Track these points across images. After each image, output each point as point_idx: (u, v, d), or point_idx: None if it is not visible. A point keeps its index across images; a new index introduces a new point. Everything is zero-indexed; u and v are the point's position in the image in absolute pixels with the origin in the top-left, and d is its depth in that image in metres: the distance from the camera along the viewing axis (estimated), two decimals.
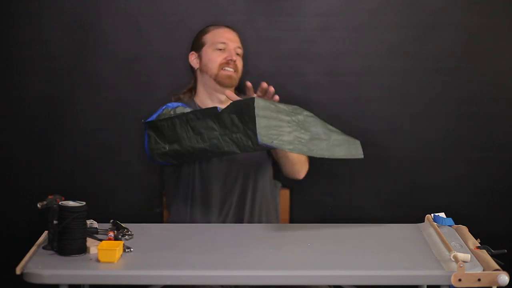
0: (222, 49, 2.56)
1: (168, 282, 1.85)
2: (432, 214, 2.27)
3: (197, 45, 2.62)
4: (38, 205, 1.95)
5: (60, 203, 1.93)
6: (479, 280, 1.81)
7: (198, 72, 2.62)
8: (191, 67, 2.65)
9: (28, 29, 2.82)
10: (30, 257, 1.90)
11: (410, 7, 2.84)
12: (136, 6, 2.82)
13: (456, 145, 2.90)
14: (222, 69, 2.55)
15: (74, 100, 2.85)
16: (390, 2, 2.84)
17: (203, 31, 2.62)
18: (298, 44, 2.85)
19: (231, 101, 2.22)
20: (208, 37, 2.59)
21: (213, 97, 2.58)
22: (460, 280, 1.81)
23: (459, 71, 2.86)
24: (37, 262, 1.88)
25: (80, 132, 2.86)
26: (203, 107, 2.58)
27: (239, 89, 2.61)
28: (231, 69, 2.55)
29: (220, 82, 2.55)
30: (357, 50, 2.86)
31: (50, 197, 1.95)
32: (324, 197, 2.92)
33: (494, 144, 2.89)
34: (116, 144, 2.61)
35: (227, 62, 2.54)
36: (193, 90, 2.65)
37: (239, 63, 2.58)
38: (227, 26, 2.63)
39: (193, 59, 2.62)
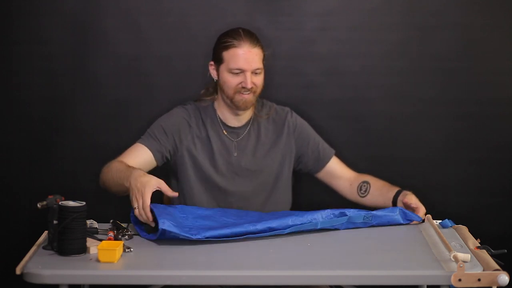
0: (238, 73, 2.40)
1: (168, 282, 1.85)
2: (437, 222, 2.27)
3: (216, 57, 2.45)
4: (38, 205, 1.95)
5: (60, 203, 1.93)
6: (479, 280, 1.81)
7: (218, 84, 2.49)
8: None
9: (28, 29, 2.82)
10: (30, 257, 1.90)
11: (410, 7, 2.84)
12: (136, 6, 2.82)
13: (456, 145, 2.91)
14: (238, 93, 2.41)
15: (74, 100, 2.86)
16: (390, 2, 2.84)
17: (223, 45, 2.42)
18: (298, 44, 2.85)
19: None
20: (226, 56, 2.41)
21: (231, 110, 2.48)
22: (460, 280, 1.81)
23: (459, 71, 2.86)
24: (37, 262, 1.87)
25: (80, 132, 2.86)
26: (220, 114, 2.50)
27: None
28: (247, 93, 2.41)
29: (236, 105, 2.44)
30: (357, 50, 2.86)
31: (50, 197, 1.95)
32: (324, 197, 2.91)
33: (494, 144, 2.90)
34: (116, 144, 2.60)
35: (243, 88, 2.41)
36: (214, 93, 2.52)
37: (259, 81, 2.43)
38: (248, 38, 2.42)
39: (212, 69, 2.48)
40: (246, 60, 2.39)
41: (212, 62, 2.48)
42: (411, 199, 2.37)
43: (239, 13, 2.80)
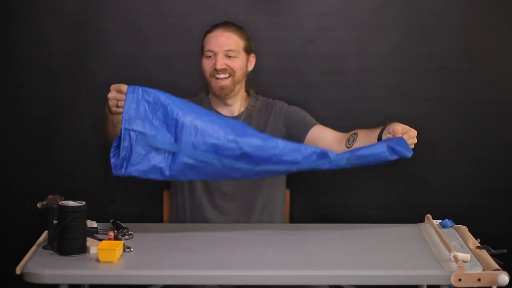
0: (211, 56, 2.48)
1: (168, 282, 1.85)
2: (437, 222, 2.27)
3: (201, 49, 2.55)
4: (38, 205, 1.95)
5: (60, 203, 1.93)
6: (479, 280, 1.81)
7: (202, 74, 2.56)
8: None
9: (28, 29, 2.81)
10: (30, 257, 1.90)
11: (410, 7, 2.84)
12: (136, 6, 2.82)
13: (456, 145, 2.90)
14: (213, 77, 2.47)
15: (74, 100, 2.85)
16: (390, 2, 2.84)
17: (205, 34, 2.55)
18: (298, 44, 2.85)
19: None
20: (204, 42, 2.53)
21: (219, 100, 2.54)
22: (460, 280, 1.81)
23: (459, 71, 2.86)
24: (37, 262, 1.88)
25: (80, 132, 2.86)
26: (214, 105, 2.56)
27: (248, 84, 2.61)
28: (222, 76, 2.46)
29: (213, 92, 2.51)
30: (357, 50, 2.86)
31: (50, 197, 1.95)
32: (324, 197, 2.92)
33: (494, 144, 2.89)
34: None
35: (216, 70, 2.46)
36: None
37: (235, 64, 2.48)
38: (225, 24, 2.52)
39: (200, 62, 2.55)
40: (216, 42, 2.48)
41: (200, 55, 2.56)
42: (397, 127, 2.22)
43: (239, 13, 2.80)
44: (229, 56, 2.48)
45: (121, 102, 2.11)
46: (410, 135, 2.20)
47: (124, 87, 2.12)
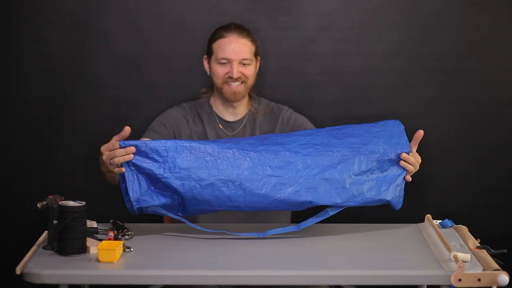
0: (225, 63, 2.45)
1: (168, 282, 1.85)
2: (437, 222, 2.26)
3: (208, 51, 2.51)
4: (38, 205, 1.94)
5: (60, 203, 1.93)
6: (479, 280, 1.81)
7: (210, 77, 2.53)
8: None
9: (28, 29, 2.82)
10: (30, 257, 1.90)
11: (410, 7, 2.84)
12: (136, 6, 2.82)
13: (456, 145, 2.91)
14: (226, 83, 2.45)
15: (74, 100, 2.86)
16: (390, 2, 2.84)
17: (213, 37, 2.49)
18: (298, 44, 2.85)
19: None
20: (215, 47, 2.47)
21: (226, 104, 2.52)
22: (460, 280, 1.81)
23: (459, 71, 2.86)
24: (37, 262, 1.87)
25: (80, 132, 2.86)
26: (216, 109, 2.53)
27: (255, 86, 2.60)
28: (236, 83, 2.45)
29: (225, 98, 2.48)
30: (357, 50, 2.86)
31: (50, 197, 1.95)
32: None
33: (494, 144, 2.90)
34: None
35: (230, 78, 2.45)
36: (211, 90, 2.56)
37: (248, 71, 2.46)
38: (237, 29, 2.47)
39: (205, 63, 2.53)
40: (232, 49, 2.44)
41: (205, 56, 2.53)
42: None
43: (239, 13, 2.80)
44: (244, 64, 2.46)
45: (114, 159, 2.07)
46: (415, 157, 2.30)
47: (116, 144, 2.09)
